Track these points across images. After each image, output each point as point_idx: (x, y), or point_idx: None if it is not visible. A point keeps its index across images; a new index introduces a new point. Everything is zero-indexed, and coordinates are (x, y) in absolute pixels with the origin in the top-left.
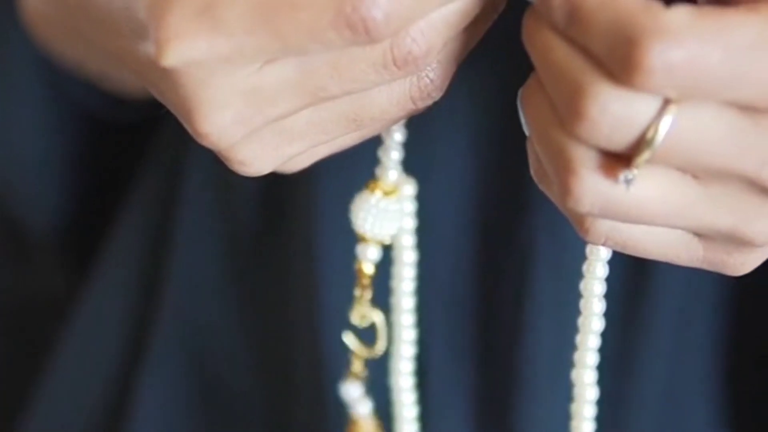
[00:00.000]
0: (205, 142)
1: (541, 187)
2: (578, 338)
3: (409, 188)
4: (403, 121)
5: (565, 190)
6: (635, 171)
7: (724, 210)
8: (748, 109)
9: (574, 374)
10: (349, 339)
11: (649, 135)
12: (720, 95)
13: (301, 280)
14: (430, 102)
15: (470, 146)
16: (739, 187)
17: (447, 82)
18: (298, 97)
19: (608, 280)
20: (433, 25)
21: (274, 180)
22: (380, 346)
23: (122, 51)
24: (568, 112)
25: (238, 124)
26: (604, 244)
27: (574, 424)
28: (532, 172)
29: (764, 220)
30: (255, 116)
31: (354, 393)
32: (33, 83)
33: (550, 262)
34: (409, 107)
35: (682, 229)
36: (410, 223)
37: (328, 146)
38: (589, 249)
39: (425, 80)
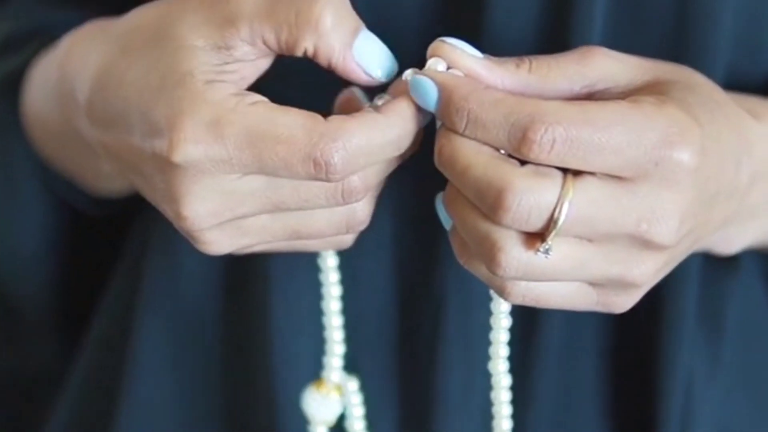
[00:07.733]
0: (182, 224)
1: (468, 267)
2: (490, 359)
3: (353, 385)
4: (343, 349)
5: (495, 264)
6: (550, 243)
7: (614, 262)
8: (618, 180)
9: (494, 380)
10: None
11: (555, 216)
12: (591, 165)
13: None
14: (358, 231)
15: (391, 215)
16: (624, 242)
17: (370, 216)
18: (262, 205)
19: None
20: (371, 174)
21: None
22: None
23: (127, 145)
24: (493, 208)
25: (211, 216)
26: (521, 302)
27: (495, 408)
28: (458, 257)
29: (644, 266)
30: (225, 212)
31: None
32: (33, 188)
33: (458, 305)
34: (342, 232)
35: (582, 281)
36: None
37: (268, 245)
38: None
39: (358, 213)
